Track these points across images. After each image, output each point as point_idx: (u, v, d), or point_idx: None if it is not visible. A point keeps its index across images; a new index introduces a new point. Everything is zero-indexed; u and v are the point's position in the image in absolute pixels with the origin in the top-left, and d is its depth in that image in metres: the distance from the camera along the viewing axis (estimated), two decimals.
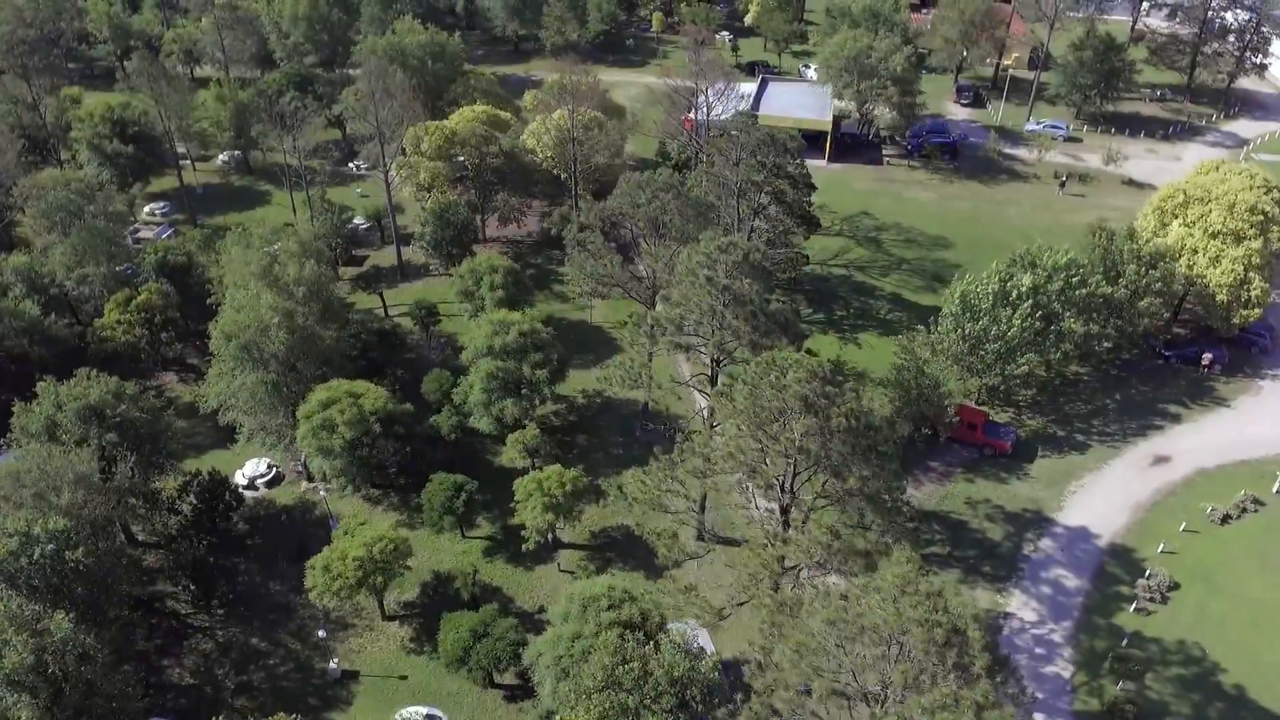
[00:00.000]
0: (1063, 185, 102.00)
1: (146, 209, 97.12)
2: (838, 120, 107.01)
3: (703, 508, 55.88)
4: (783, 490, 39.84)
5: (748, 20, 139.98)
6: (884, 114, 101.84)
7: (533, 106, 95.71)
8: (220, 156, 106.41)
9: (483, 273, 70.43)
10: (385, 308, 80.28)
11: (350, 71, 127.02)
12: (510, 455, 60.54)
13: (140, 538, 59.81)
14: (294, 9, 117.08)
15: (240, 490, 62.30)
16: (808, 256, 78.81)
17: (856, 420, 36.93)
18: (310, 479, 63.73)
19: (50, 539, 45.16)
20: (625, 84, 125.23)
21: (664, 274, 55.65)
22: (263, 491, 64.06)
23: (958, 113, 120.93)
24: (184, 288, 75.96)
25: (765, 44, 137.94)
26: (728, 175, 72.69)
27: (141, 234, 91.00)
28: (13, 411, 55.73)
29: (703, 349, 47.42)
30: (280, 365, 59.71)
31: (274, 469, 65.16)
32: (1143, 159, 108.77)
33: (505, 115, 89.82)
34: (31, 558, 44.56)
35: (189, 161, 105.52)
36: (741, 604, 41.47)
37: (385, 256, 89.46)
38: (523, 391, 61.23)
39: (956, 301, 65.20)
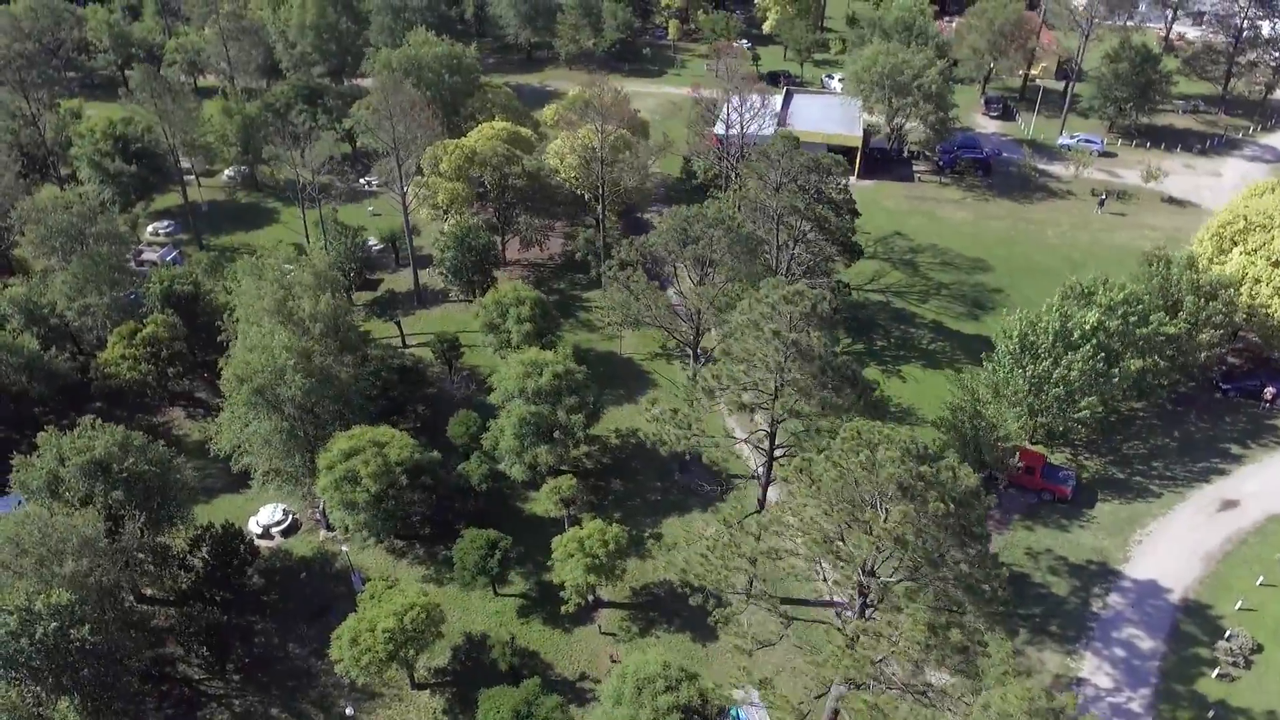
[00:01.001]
0: (1101, 204, 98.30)
1: (149, 228, 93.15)
2: (867, 135, 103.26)
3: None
4: (865, 572, 36.08)
5: (766, 28, 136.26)
6: (917, 130, 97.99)
7: (553, 122, 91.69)
8: (226, 172, 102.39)
9: (509, 304, 66.51)
10: (403, 337, 76.36)
11: (359, 82, 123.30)
12: (545, 506, 56.68)
13: (148, 592, 55.86)
14: (301, 17, 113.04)
15: (255, 540, 58.44)
16: (849, 285, 74.96)
17: (954, 503, 33.19)
18: (329, 527, 59.84)
19: (54, 615, 41.31)
20: (643, 94, 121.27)
21: (710, 313, 51.78)
22: (278, 541, 60.17)
23: (986, 125, 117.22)
24: (191, 316, 72.00)
25: (785, 53, 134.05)
26: (766, 200, 68.93)
27: (145, 256, 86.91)
28: (12, 462, 51.76)
29: (765, 406, 43.52)
30: (296, 409, 55.78)
31: (290, 516, 61.28)
32: (1181, 175, 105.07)
33: (525, 132, 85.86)
34: (33, 637, 40.68)
35: (193, 177, 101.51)
36: (820, 696, 37.71)
37: (400, 280, 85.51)
38: (556, 436, 57.35)
39: (1015, 340, 61.35)
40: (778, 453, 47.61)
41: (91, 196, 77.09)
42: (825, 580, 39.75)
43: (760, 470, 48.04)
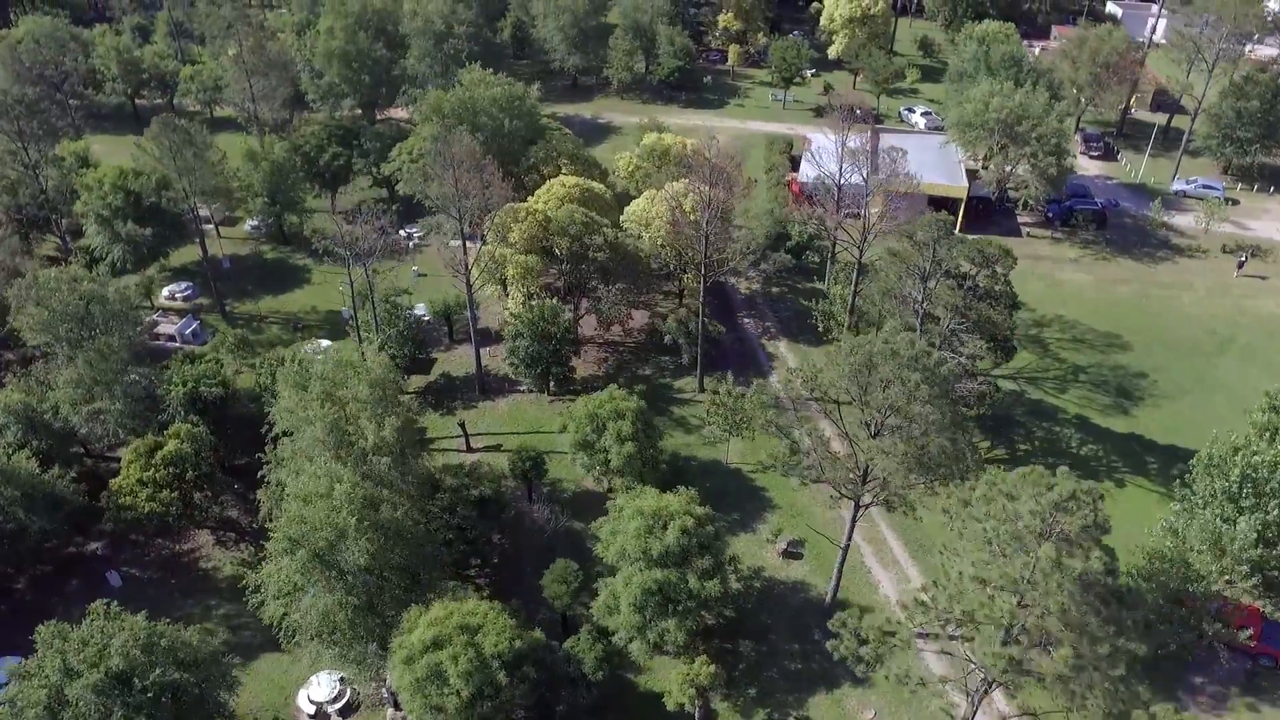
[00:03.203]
0: (1240, 264, 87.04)
1: (165, 292, 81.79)
2: (969, 183, 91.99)
3: None
4: None
5: (832, 53, 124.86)
6: (1032, 181, 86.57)
7: (629, 173, 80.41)
8: (248, 223, 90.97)
9: (606, 418, 55.25)
10: (467, 439, 65.00)
11: (394, 114, 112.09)
12: (677, 699, 45.34)
13: None
14: (327, 45, 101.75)
15: None
16: (998, 386, 63.72)
17: None
18: (398, 705, 48.54)
19: None
20: (705, 129, 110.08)
21: (899, 473, 40.61)
22: None
23: (1088, 167, 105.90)
24: (220, 419, 60.88)
25: (855, 81, 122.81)
26: (910, 291, 57.82)
27: (161, 329, 75.61)
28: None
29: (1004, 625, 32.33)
30: (363, 574, 44.53)
31: (348, 688, 50.03)
32: None
33: (600, 188, 74.54)
34: None
35: (212, 225, 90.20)
36: None
37: (456, 359, 74.09)
38: (683, 605, 46.05)
39: (1236, 479, 50.06)
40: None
41: (101, 269, 65.66)
42: None
43: (973, 696, 36.63)
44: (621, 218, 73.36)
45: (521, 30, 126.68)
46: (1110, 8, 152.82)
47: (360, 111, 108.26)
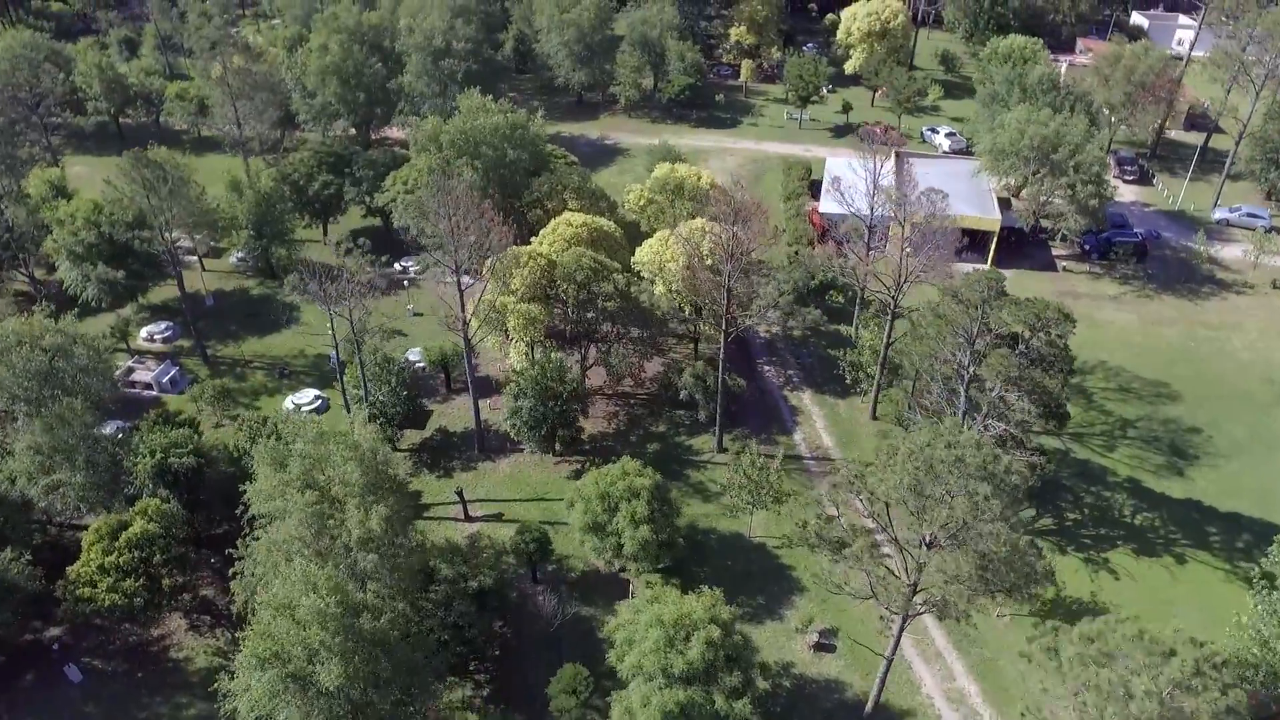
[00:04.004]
0: None
1: (144, 333, 76.26)
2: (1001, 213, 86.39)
3: None
4: None
5: (849, 68, 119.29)
6: (1070, 215, 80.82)
7: (640, 208, 74.89)
8: (233, 255, 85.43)
9: (619, 497, 49.75)
10: (465, 507, 59.46)
11: (390, 134, 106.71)
12: None
13: None
14: (321, 62, 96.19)
15: None
16: (1043, 450, 58.11)
17: None
18: None
19: None
20: (718, 150, 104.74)
21: (958, 593, 35.16)
22: None
23: (1123, 192, 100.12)
24: (193, 489, 55.38)
25: (873, 98, 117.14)
26: (955, 354, 52.31)
27: (137, 376, 70.29)
28: None
29: None
30: (343, 692, 39.13)
31: None
32: None
33: (609, 226, 68.94)
34: None
35: (195, 258, 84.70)
36: None
37: (454, 412, 68.49)
38: None
39: None
40: None
41: (68, 319, 60.23)
42: None
43: None
44: (633, 259, 67.84)
45: (524, 45, 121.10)
46: (1136, 19, 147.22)
47: (355, 131, 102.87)
